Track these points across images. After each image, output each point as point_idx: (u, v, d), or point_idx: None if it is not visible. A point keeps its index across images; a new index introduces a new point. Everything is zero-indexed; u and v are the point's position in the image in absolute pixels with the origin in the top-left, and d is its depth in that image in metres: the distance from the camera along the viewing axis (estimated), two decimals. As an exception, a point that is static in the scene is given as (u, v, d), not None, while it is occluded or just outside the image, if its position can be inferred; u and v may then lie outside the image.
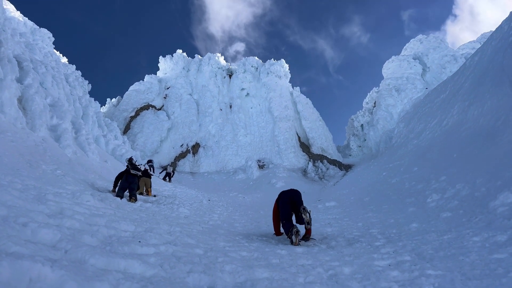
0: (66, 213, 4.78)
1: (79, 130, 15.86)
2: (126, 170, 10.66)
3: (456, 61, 42.97)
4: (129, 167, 10.72)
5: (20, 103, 13.01)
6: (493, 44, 18.48)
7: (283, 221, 6.67)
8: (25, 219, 3.67)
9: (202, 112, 41.71)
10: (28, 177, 7.57)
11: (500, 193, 6.90)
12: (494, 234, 5.10)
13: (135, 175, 10.47)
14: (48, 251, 2.90)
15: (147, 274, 3.11)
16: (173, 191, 15.73)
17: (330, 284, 3.51)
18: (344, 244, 6.08)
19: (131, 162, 11.36)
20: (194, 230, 6.55)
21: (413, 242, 5.63)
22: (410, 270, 3.95)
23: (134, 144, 35.05)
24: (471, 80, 18.70)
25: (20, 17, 30.00)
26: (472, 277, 3.51)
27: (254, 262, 4.35)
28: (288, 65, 45.61)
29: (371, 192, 14.90)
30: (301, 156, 36.47)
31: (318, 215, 11.30)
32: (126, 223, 5.27)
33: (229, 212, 12.14)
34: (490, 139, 10.87)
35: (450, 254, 4.59)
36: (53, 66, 21.07)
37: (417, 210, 9.04)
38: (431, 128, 20.42)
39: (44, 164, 9.70)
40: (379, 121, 40.25)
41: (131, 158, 11.65)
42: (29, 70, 15.16)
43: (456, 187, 9.10)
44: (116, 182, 10.55)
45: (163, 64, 49.52)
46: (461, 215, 7.16)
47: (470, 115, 14.79)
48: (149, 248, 4.06)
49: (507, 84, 12.29)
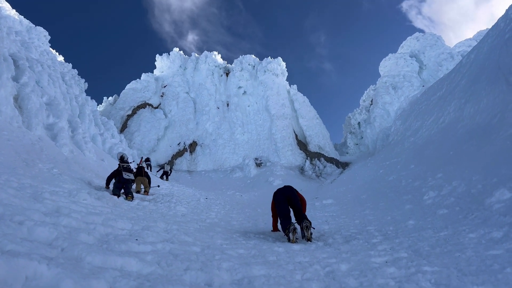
0: (62, 212, 4.77)
1: (76, 128, 15.80)
2: (118, 170, 10.46)
3: (453, 58, 43.11)
4: (122, 167, 10.49)
5: (16, 101, 12.95)
6: (489, 42, 18.54)
7: (280, 218, 6.70)
8: (21, 218, 3.66)
9: (199, 110, 41.69)
10: (24, 175, 7.54)
11: (496, 190, 6.93)
12: (490, 230, 5.12)
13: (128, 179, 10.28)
14: (45, 249, 2.89)
15: (144, 271, 3.11)
16: (170, 190, 15.71)
17: (327, 281, 3.51)
18: (341, 241, 6.10)
19: (123, 160, 11.14)
20: (191, 228, 6.55)
21: (410, 239, 5.64)
22: (407, 266, 3.96)
23: (131, 142, 35.01)
24: (467, 77, 18.77)
25: (15, 15, 29.84)
26: (468, 273, 3.52)
27: (252, 259, 4.35)
28: (285, 63, 45.62)
29: (368, 189, 14.93)
30: (298, 154, 36.53)
31: (316, 213, 11.31)
32: (123, 221, 5.25)
33: (227, 210, 12.14)
34: (486, 136, 10.91)
35: (446, 250, 4.61)
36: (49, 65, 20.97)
37: (413, 207, 9.06)
38: (427, 125, 20.48)
39: (41, 163, 9.66)
40: (376, 118, 40.33)
41: (122, 156, 11.43)
42: (25, 68, 15.09)
43: (452, 184, 9.13)
44: (108, 181, 10.50)
45: (159, 63, 49.45)
46: (457, 212, 7.18)
47: (466, 113, 14.84)
48: (146, 246, 4.05)
49: (502, 81, 12.33)
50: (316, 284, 3.37)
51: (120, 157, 11.43)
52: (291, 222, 6.42)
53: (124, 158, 11.38)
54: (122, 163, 10.88)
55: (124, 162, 11.08)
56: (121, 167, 10.51)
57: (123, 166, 10.58)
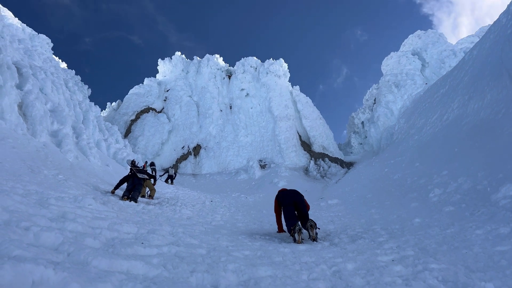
0: (68, 217, 4.78)
1: (80, 134, 15.86)
2: (131, 173, 10.77)
3: (455, 55, 42.92)
4: (134, 170, 10.88)
5: (20, 109, 13.03)
6: (491, 38, 18.47)
7: (287, 220, 6.72)
8: (27, 223, 3.67)
9: (202, 113, 41.75)
10: (29, 182, 7.57)
11: (502, 185, 6.90)
12: (497, 226, 5.10)
13: (141, 179, 10.67)
14: (51, 254, 2.90)
15: (150, 274, 3.11)
16: (175, 193, 15.75)
17: (334, 280, 3.50)
18: (347, 240, 6.08)
19: (134, 165, 11.51)
20: (196, 230, 6.55)
21: (416, 237, 5.62)
22: (414, 264, 3.94)
23: (135, 147, 35.12)
24: (470, 74, 18.69)
25: (18, 23, 30.08)
26: (476, 270, 3.51)
27: (257, 260, 4.35)
28: (287, 64, 45.62)
29: (373, 188, 14.89)
30: (303, 155, 36.46)
31: (321, 213, 11.30)
32: (128, 226, 5.27)
33: (232, 212, 12.14)
34: (491, 132, 10.85)
35: (453, 247, 4.59)
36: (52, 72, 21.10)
37: (419, 205, 9.04)
38: (431, 123, 20.40)
39: (46, 169, 9.70)
40: (379, 117, 40.22)
41: (133, 161, 11.84)
42: (28, 76, 15.17)
43: (458, 181, 9.10)
44: (119, 184, 10.59)
45: (162, 67, 49.63)
46: (463, 208, 7.15)
47: (470, 109, 14.77)
48: (152, 249, 4.06)
49: (506, 76, 12.27)
50: (322, 284, 3.36)
51: (131, 162, 11.91)
52: (296, 222, 6.44)
53: (135, 163, 11.88)
54: (134, 167, 11.26)
55: (135, 167, 11.47)
56: (134, 171, 10.87)
57: (135, 169, 10.98)
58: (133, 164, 11.74)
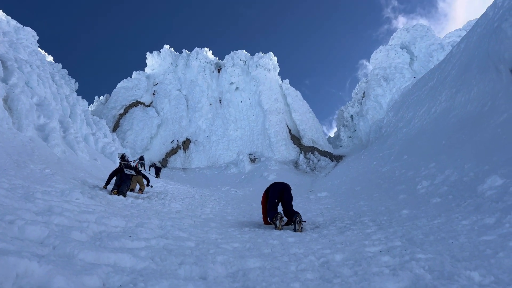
0: (54, 211, 4.72)
1: (68, 129, 15.65)
2: (119, 168, 10.64)
3: (443, 49, 43.29)
4: (123, 165, 10.71)
5: (5, 103, 12.80)
6: (478, 31, 18.63)
7: (268, 211, 7.13)
8: (12, 217, 3.62)
9: (191, 107, 41.51)
10: (15, 176, 7.46)
11: (488, 177, 7.00)
12: (482, 217, 5.17)
13: (128, 175, 10.48)
14: (36, 247, 2.86)
15: (137, 267, 3.10)
16: (164, 187, 15.67)
17: (322, 271, 3.52)
18: (336, 232, 6.12)
19: (124, 159, 11.37)
20: (185, 224, 6.53)
21: (404, 228, 5.68)
22: (401, 254, 3.98)
23: (124, 141, 34.82)
24: (457, 67, 18.86)
25: (3, 16, 29.42)
26: (462, 259, 3.55)
27: (246, 252, 4.35)
28: (276, 57, 45.49)
29: (362, 181, 15.01)
30: (292, 149, 36.56)
31: (310, 206, 11.35)
32: (116, 219, 5.23)
33: (222, 206, 12.14)
34: (478, 125, 10.99)
35: (440, 238, 4.64)
36: (38, 65, 20.75)
37: (407, 197, 9.13)
38: (420, 116, 20.59)
39: (32, 164, 9.56)
40: (368, 111, 40.49)
41: (123, 155, 11.69)
42: (13, 69, 14.90)
43: (445, 173, 9.21)
44: (109, 179, 10.48)
45: (150, 60, 49.10)
46: (450, 200, 7.24)
47: (457, 102, 14.93)
48: (140, 242, 4.04)
49: (492, 69, 12.40)
50: (311, 274, 3.38)
51: (121, 156, 11.73)
52: (277, 212, 6.95)
53: (125, 157, 11.69)
54: (123, 161, 11.09)
55: (125, 161, 11.32)
56: (122, 165, 10.69)
57: (124, 164, 10.80)
58: (123, 158, 11.58)
